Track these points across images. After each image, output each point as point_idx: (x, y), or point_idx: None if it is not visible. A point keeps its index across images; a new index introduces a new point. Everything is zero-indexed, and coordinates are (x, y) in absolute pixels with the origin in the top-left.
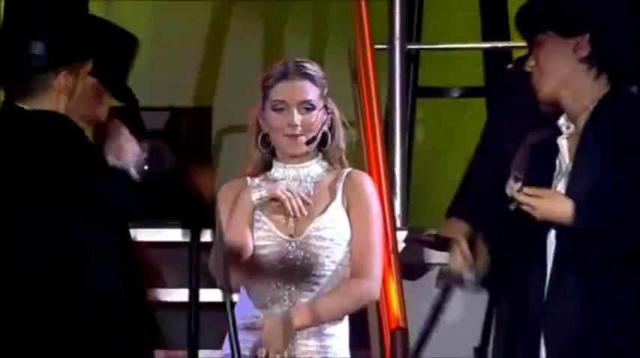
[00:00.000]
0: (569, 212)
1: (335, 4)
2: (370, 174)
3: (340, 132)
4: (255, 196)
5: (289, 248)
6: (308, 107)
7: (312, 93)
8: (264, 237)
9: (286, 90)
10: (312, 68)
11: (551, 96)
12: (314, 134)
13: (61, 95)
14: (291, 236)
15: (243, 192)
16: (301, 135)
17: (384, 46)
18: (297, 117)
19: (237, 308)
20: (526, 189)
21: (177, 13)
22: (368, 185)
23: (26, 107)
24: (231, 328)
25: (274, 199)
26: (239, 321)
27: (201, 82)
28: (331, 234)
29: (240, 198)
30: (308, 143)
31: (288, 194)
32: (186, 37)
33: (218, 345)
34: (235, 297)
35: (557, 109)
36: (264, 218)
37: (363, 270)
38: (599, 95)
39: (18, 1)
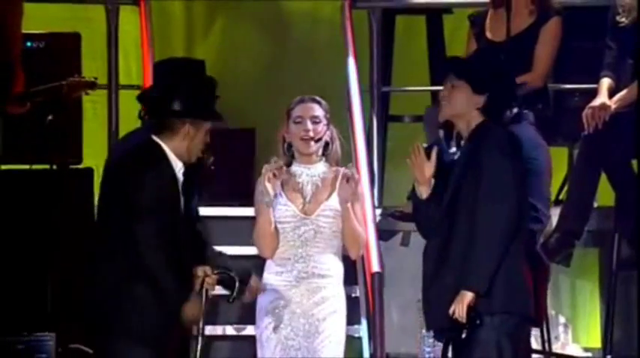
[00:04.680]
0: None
1: (335, 64)
2: (357, 170)
3: (337, 143)
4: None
5: (305, 222)
6: (316, 121)
7: (318, 111)
8: (288, 215)
9: (303, 109)
10: (319, 98)
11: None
12: (320, 137)
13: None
14: (306, 214)
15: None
16: (311, 139)
17: (367, 89)
18: (310, 126)
19: (265, 271)
20: None
21: (235, 67)
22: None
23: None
24: None
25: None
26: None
27: (248, 111)
28: (332, 213)
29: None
30: (316, 142)
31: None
32: (238, 83)
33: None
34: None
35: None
36: (289, 202)
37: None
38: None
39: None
